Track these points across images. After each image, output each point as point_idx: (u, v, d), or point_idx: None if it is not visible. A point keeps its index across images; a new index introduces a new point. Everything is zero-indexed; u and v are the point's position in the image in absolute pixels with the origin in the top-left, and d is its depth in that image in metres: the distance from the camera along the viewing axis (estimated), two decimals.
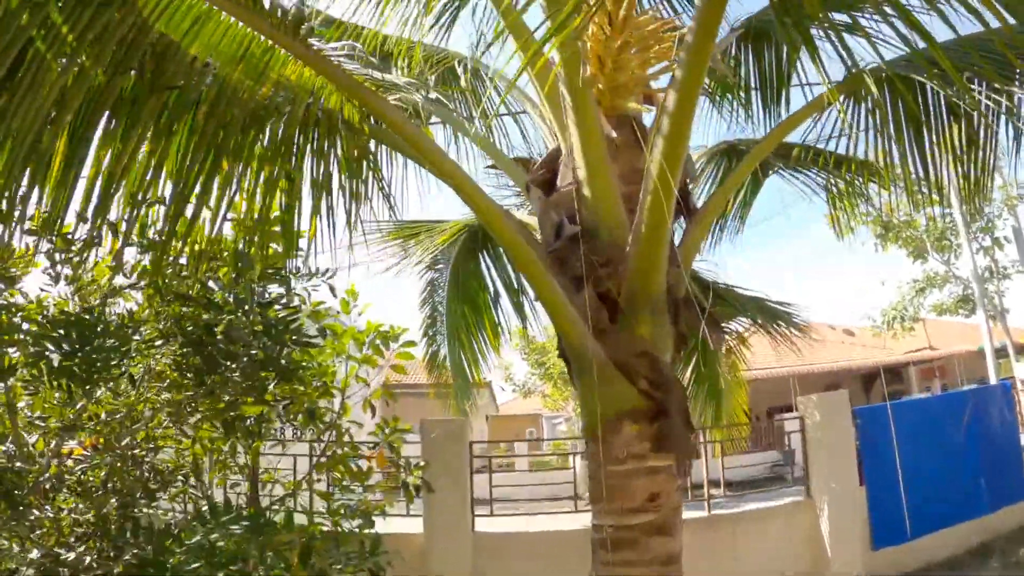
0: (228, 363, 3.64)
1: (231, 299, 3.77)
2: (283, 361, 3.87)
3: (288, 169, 3.67)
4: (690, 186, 3.87)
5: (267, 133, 3.64)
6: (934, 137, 4.09)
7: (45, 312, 3.86)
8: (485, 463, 10.23)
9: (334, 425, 5.34)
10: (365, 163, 3.99)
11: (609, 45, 3.54)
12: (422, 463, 5.92)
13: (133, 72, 3.17)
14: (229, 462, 5.36)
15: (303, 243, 4.75)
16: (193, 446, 4.81)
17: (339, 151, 3.79)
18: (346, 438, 5.29)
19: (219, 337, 3.68)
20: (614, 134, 3.48)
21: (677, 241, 3.84)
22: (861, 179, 5.40)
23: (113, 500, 3.98)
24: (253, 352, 3.56)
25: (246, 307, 3.63)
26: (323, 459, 5.33)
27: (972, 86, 3.70)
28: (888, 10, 2.79)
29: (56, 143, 3.02)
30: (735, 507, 8.54)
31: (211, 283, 3.86)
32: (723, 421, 8.06)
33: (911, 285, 18.95)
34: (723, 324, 7.27)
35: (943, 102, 3.94)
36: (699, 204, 3.96)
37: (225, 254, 4.07)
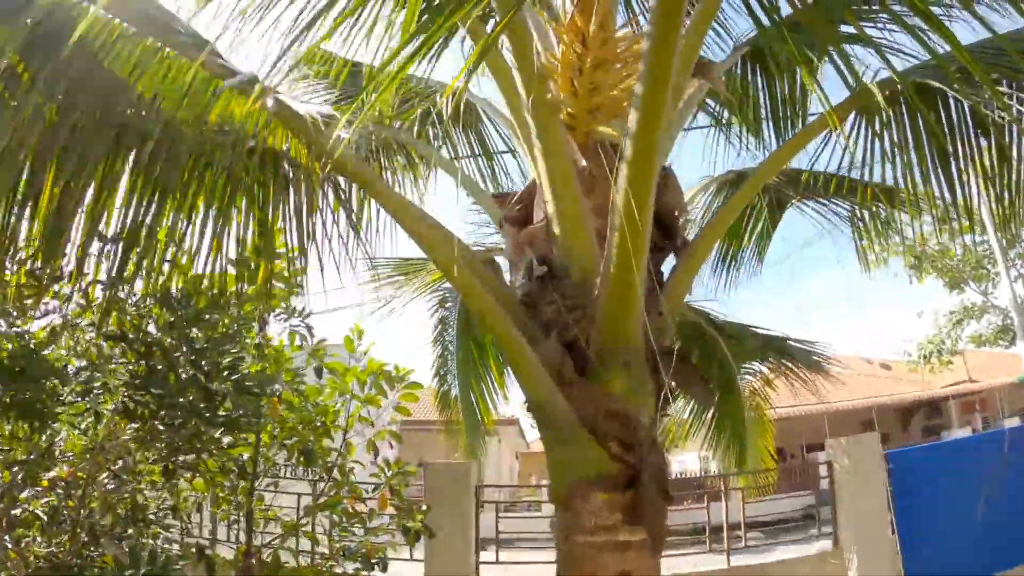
0: (163, 410, 3.24)
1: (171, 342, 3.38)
2: (229, 409, 3.46)
3: (230, 207, 3.29)
4: (680, 219, 3.33)
5: (212, 170, 3.29)
6: (960, 155, 3.46)
7: None
8: (506, 504, 9.61)
9: (336, 466, 5.05)
10: (327, 199, 3.58)
11: (582, 64, 3.05)
12: (424, 507, 5.57)
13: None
14: (230, 498, 5.06)
15: (276, 282, 4.43)
16: (194, 480, 4.52)
17: (292, 189, 3.38)
18: (350, 478, 4.94)
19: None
20: (583, 162, 2.97)
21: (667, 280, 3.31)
22: (882, 206, 4.78)
23: (82, 536, 3.65)
24: (179, 400, 3.16)
25: (177, 353, 3.21)
26: (321, 500, 5.04)
27: (1001, 88, 3.07)
28: (908, 20, 2.29)
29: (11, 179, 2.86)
30: (760, 553, 7.80)
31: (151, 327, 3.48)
32: (747, 464, 7.37)
33: (948, 317, 17.77)
34: (744, 365, 6.68)
35: (968, 115, 3.33)
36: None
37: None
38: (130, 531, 3.90)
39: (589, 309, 2.78)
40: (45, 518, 3.59)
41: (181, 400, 3.22)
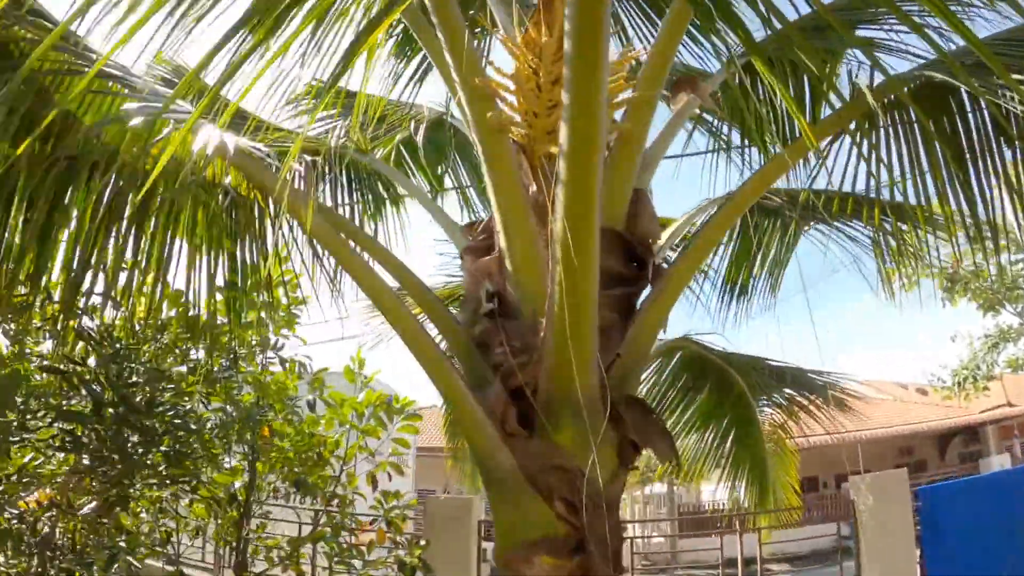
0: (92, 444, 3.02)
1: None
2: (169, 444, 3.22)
3: (173, 238, 3.02)
4: (655, 248, 2.89)
5: (156, 202, 3.04)
6: (980, 167, 2.93)
7: None
8: None
9: (337, 497, 4.78)
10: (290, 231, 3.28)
11: (539, 80, 2.67)
12: (423, 542, 5.32)
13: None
14: (226, 526, 4.81)
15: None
16: (192, 507, 4.49)
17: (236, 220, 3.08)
18: (350, 510, 4.81)
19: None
20: (533, 187, 2.58)
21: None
22: (904, 227, 4.24)
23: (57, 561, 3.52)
24: (107, 434, 2.94)
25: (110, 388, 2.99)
26: (318, 529, 4.77)
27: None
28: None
29: None
30: None
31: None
32: (769, 499, 6.77)
33: (983, 341, 16.58)
34: (762, 398, 6.15)
35: (988, 121, 2.81)
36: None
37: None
38: (120, 555, 3.71)
39: (537, 352, 2.37)
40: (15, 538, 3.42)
41: (110, 434, 2.96)
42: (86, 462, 3.10)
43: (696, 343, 5.01)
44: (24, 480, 3.43)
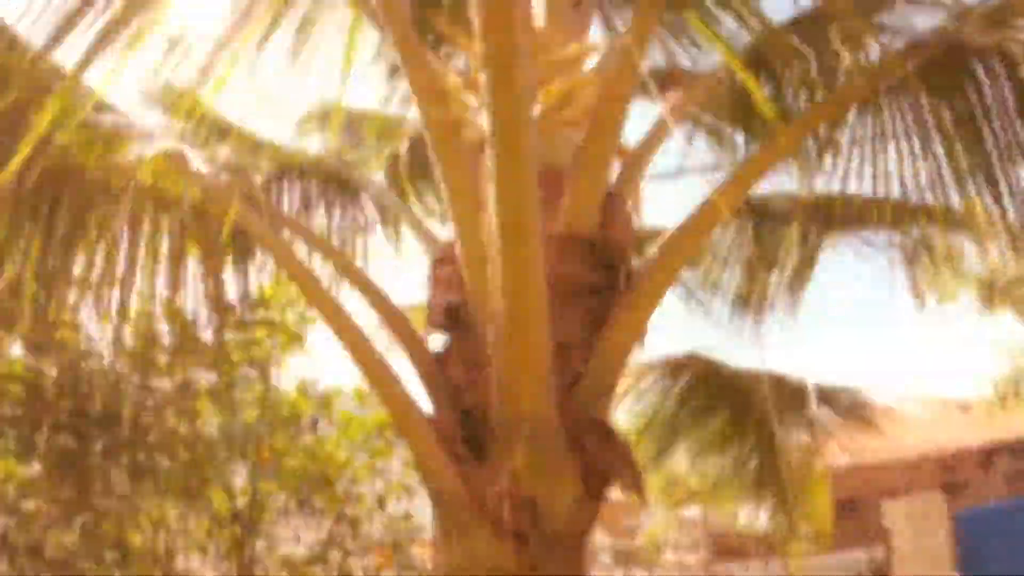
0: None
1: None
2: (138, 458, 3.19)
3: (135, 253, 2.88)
4: (629, 256, 2.60)
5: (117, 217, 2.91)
6: (1003, 154, 2.53)
7: None
8: None
9: (346, 516, 4.73)
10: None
11: None
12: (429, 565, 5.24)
13: None
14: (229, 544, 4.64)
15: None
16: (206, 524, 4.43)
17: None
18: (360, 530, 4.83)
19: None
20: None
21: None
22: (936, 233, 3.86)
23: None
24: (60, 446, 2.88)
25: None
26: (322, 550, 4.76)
27: None
28: None
29: None
30: None
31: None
32: (797, 525, 6.31)
33: None
34: (790, 419, 5.75)
35: (1008, 99, 2.43)
36: None
37: None
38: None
39: (488, 368, 2.11)
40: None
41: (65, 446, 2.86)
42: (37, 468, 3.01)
43: (707, 360, 4.68)
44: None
